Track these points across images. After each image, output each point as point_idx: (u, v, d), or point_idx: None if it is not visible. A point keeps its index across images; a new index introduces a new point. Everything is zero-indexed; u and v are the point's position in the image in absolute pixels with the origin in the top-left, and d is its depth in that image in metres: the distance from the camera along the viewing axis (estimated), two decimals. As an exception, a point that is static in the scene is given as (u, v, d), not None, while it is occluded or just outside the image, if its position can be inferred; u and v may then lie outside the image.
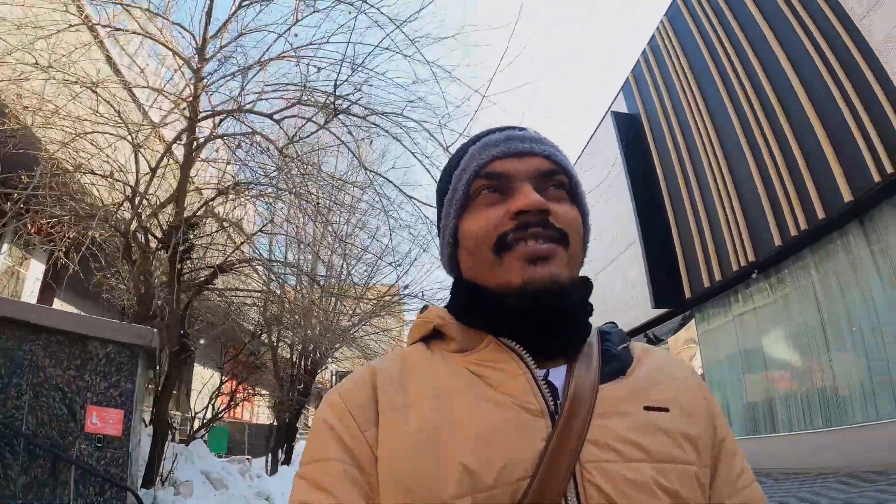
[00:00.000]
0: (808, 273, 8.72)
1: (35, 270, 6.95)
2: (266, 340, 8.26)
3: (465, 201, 0.60)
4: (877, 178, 6.95)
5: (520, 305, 0.55)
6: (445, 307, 0.64)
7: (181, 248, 4.34)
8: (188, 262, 4.68)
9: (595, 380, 0.55)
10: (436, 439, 0.50)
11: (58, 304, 7.60)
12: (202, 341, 8.28)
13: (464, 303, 0.60)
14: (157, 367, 4.75)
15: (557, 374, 0.56)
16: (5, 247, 6.55)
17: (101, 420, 3.15)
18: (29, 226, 5.27)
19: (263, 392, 10.78)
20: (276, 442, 9.79)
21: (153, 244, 4.87)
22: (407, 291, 7.54)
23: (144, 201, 4.86)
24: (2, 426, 2.92)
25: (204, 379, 10.34)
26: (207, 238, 5.21)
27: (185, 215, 4.46)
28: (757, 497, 0.57)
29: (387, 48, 4.27)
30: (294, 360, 9.16)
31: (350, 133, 4.71)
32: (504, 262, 0.55)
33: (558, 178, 0.59)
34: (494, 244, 0.56)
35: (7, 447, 2.91)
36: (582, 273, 0.61)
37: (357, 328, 8.85)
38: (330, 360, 10.35)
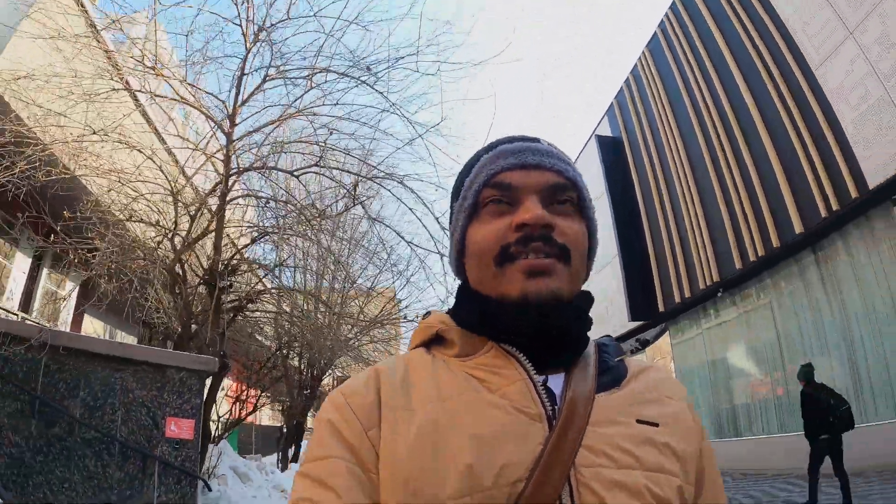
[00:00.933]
0: (767, 294, 9.67)
1: (69, 289, 7.75)
2: (280, 353, 9.16)
3: (473, 209, 0.61)
4: (824, 213, 7.87)
5: (521, 318, 0.56)
6: (448, 312, 0.66)
7: (221, 285, 5.16)
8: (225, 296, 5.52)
9: (592, 389, 0.56)
10: (437, 440, 0.51)
11: (87, 319, 8.37)
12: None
13: (467, 309, 0.62)
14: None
15: (556, 382, 0.57)
16: (45, 270, 7.33)
17: (178, 428, 4.11)
18: (71, 254, 6.06)
19: (281, 398, 11.67)
20: (287, 442, 10.82)
21: (191, 278, 5.70)
22: (404, 309, 8.42)
23: (182, 240, 5.68)
24: (102, 434, 3.84)
25: (224, 387, 11.27)
26: (240, 275, 6.05)
27: (223, 258, 5.28)
28: None
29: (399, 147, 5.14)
30: (302, 368, 10.09)
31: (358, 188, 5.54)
32: (505, 273, 0.57)
33: (567, 194, 0.60)
34: (497, 255, 0.57)
35: (106, 450, 3.85)
36: None
37: (356, 339, 9.76)
38: (333, 366, 11.27)
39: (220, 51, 7.11)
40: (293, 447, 10.88)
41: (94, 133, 5.05)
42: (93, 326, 8.64)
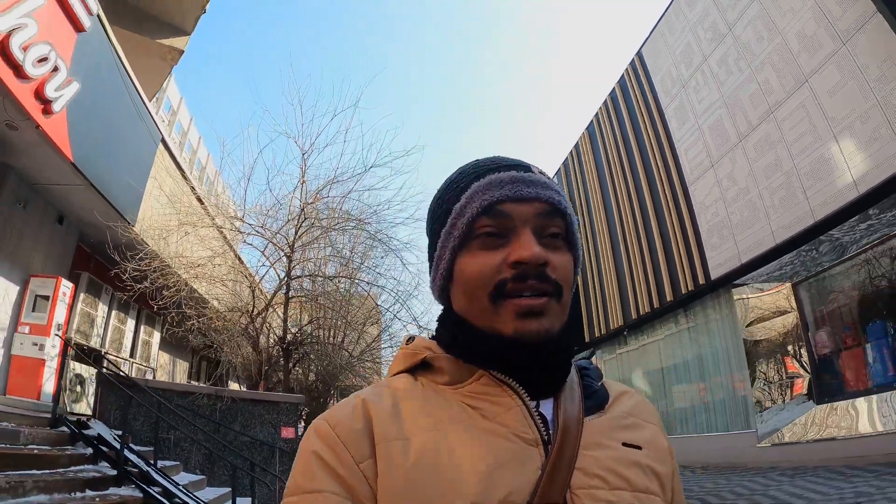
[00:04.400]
0: (655, 335, 13.31)
1: (156, 337, 10.84)
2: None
3: (463, 238, 0.60)
4: (684, 290, 11.43)
5: (512, 357, 0.57)
6: (433, 338, 0.65)
7: (289, 348, 8.44)
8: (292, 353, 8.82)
9: (580, 413, 0.58)
10: (437, 471, 0.51)
11: (161, 353, 11.44)
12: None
13: (455, 337, 0.61)
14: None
15: (546, 407, 0.59)
16: (141, 325, 10.36)
17: (287, 432, 7.43)
18: (170, 321, 9.15)
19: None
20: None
21: (263, 341, 8.92)
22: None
23: (252, 315, 8.87)
24: (251, 438, 7.17)
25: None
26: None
27: (291, 332, 8.56)
28: None
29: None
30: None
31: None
32: (499, 310, 0.56)
33: (557, 224, 0.60)
34: (491, 291, 0.57)
35: (253, 446, 7.22)
36: None
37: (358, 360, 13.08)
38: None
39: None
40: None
41: (209, 261, 8.16)
42: (163, 358, 11.68)
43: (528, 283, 0.56)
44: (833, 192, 8.01)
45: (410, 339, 0.66)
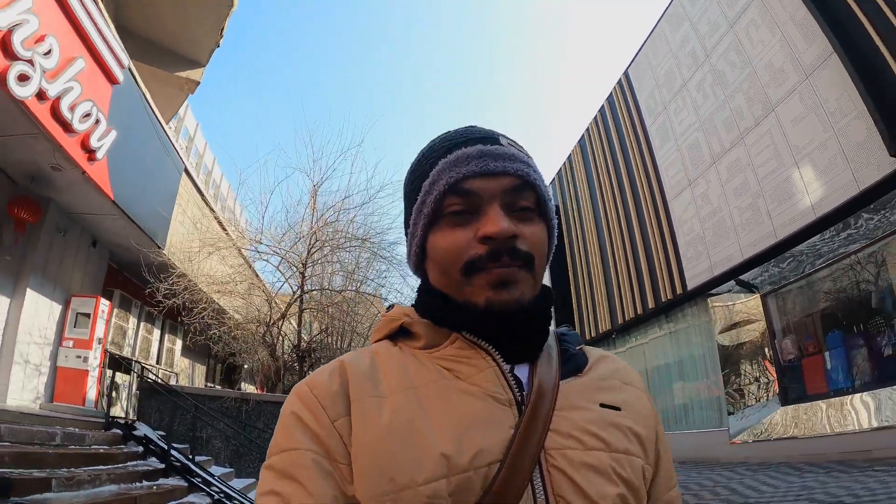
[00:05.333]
0: (640, 339, 14.17)
1: (178, 344, 11.79)
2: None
3: (433, 216, 0.61)
4: (664, 297, 12.27)
5: (485, 326, 0.58)
6: (412, 306, 0.66)
7: (303, 354, 9.35)
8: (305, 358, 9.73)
9: (556, 375, 0.59)
10: (410, 427, 0.52)
11: (180, 358, 12.38)
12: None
13: (431, 304, 0.62)
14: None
15: (521, 371, 0.59)
16: (166, 334, 11.30)
17: None
18: (192, 331, 10.08)
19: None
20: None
21: (279, 347, 9.84)
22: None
23: (268, 324, 9.79)
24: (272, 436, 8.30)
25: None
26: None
27: (304, 339, 9.46)
28: (677, 496, 0.64)
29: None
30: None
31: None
32: (472, 283, 0.58)
33: (527, 197, 0.60)
34: (463, 267, 0.58)
35: None
36: None
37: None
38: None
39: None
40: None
41: (231, 279, 9.05)
42: (184, 363, 12.63)
43: (501, 260, 0.56)
44: (794, 214, 8.83)
45: (390, 307, 0.68)
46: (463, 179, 0.59)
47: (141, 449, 6.17)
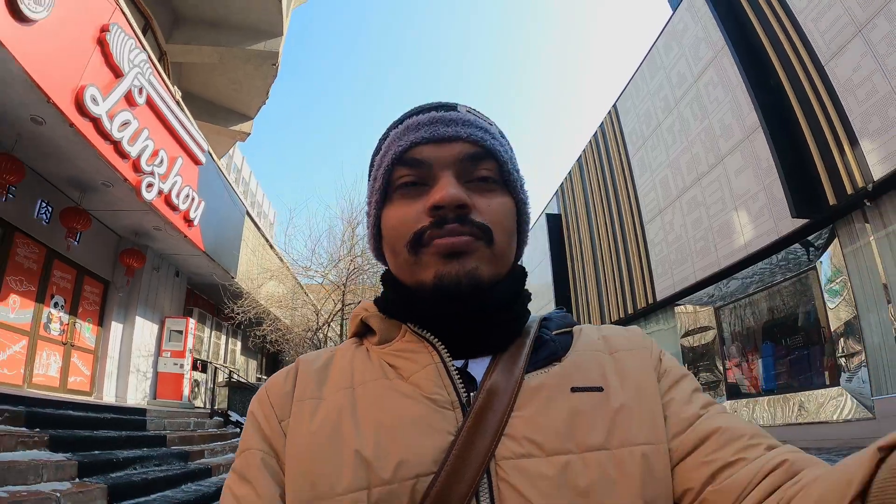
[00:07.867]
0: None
1: (238, 346, 14.49)
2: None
3: (385, 191, 0.56)
4: (640, 304, 14.45)
5: (438, 304, 0.52)
6: (374, 300, 0.62)
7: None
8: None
9: (521, 369, 0.51)
10: (336, 432, 0.48)
11: (240, 357, 15.10)
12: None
13: (385, 295, 0.59)
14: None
15: (479, 366, 0.53)
16: (230, 339, 13.97)
17: None
18: (252, 335, 12.68)
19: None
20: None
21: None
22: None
23: (314, 331, 12.33)
24: None
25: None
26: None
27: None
28: (720, 420, 0.49)
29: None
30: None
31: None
32: (420, 259, 0.52)
33: (485, 165, 0.55)
34: (409, 242, 0.53)
35: None
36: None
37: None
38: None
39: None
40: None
41: (286, 297, 11.56)
42: (242, 359, 15.37)
43: (445, 227, 0.51)
44: (732, 248, 10.91)
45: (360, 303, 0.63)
46: (411, 147, 0.54)
47: (238, 430, 8.80)
